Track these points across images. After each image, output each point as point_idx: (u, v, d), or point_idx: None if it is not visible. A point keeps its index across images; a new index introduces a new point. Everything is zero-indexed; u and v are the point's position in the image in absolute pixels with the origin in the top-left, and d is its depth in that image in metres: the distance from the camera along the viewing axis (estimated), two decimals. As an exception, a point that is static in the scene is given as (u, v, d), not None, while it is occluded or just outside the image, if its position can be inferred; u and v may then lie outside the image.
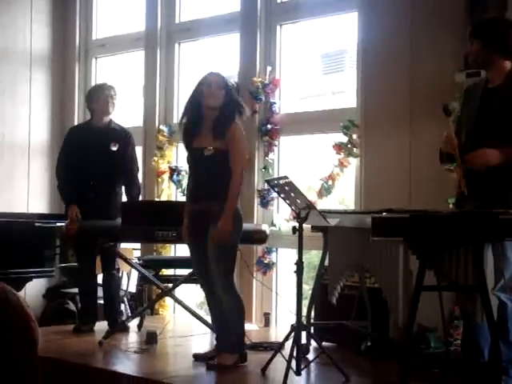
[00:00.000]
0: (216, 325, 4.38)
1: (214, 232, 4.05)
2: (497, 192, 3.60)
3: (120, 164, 5.36)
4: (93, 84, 7.29)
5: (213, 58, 6.86)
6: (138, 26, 7.14)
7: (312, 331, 4.48)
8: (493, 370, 3.38)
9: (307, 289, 5.34)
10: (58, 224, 5.81)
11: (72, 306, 6.50)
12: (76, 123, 7.38)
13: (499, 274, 3.54)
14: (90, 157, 5.28)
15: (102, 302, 5.48)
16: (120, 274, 5.72)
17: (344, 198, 6.14)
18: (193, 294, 6.51)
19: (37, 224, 6.19)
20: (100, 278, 5.47)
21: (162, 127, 6.74)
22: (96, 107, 5.43)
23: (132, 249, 6.33)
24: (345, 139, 5.51)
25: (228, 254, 4.13)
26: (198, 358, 4.33)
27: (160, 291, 5.31)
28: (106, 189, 5.31)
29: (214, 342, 4.42)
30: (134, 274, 6.03)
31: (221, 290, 4.13)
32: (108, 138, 5.35)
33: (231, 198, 4.07)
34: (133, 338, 5.14)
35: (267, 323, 5.68)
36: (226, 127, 4.14)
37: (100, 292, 5.50)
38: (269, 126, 5.98)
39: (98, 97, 5.40)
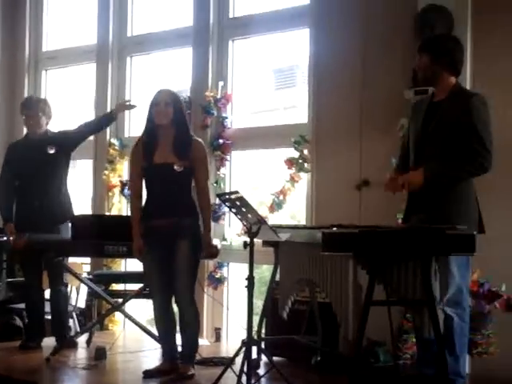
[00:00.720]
0: (166, 336, 4.38)
1: (209, 247, 4.31)
2: (438, 206, 3.70)
3: (61, 165, 5.29)
4: (42, 96, 7.21)
5: (165, 72, 6.85)
6: (90, 39, 7.08)
7: (263, 346, 4.47)
8: (439, 382, 3.43)
9: (258, 304, 5.33)
10: (4, 238, 5.70)
11: (19, 322, 6.35)
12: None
13: (444, 289, 3.60)
14: (30, 166, 5.21)
15: (49, 317, 5.39)
16: (69, 289, 5.63)
17: (295, 212, 6.17)
18: (143, 309, 6.45)
19: (-18, 238, 6.07)
20: (47, 293, 5.39)
21: (113, 140, 6.69)
22: (25, 121, 5.40)
23: (82, 263, 6.25)
24: (296, 154, 5.55)
25: (196, 268, 4.30)
26: (147, 374, 4.30)
27: (110, 306, 5.25)
28: (51, 194, 5.22)
29: (162, 357, 4.45)
30: (84, 289, 5.95)
31: (186, 303, 4.24)
32: (44, 144, 5.28)
33: (208, 212, 4.35)
34: (81, 353, 5.07)
35: (218, 338, 5.66)
36: (187, 145, 4.26)
37: (48, 307, 5.41)
38: (220, 141, 5.99)
39: (24, 114, 5.37)
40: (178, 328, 4.37)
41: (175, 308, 4.38)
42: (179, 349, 4.39)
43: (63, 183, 5.32)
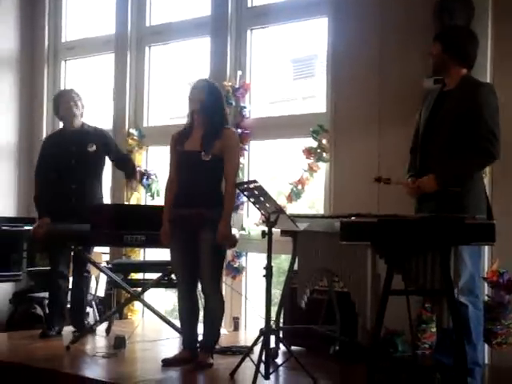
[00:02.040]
0: (188, 325, 4.39)
1: (224, 237, 4.22)
2: (448, 195, 3.68)
3: (99, 164, 5.38)
4: (62, 87, 7.25)
5: (183, 62, 6.85)
6: (108, 29, 7.10)
7: (281, 335, 4.48)
8: (458, 372, 3.42)
9: (276, 293, 5.34)
10: (25, 227, 5.75)
11: (39, 311, 6.42)
12: (45, 126, 7.36)
13: (456, 277, 3.59)
14: (68, 162, 5.27)
15: (68, 306, 5.44)
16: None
17: (314, 202, 6.17)
18: (162, 298, 6.49)
19: (3, 228, 6.13)
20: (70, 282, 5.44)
21: (131, 131, 6.71)
22: (62, 114, 5.43)
23: (101, 253, 6.29)
24: (314, 144, 5.54)
25: (221, 258, 4.35)
26: (166, 362, 4.32)
27: (129, 295, 5.28)
28: (88, 191, 5.29)
29: (182, 345, 4.47)
30: (103, 278, 6.00)
31: (211, 291, 4.26)
32: (83, 140, 5.34)
33: (229, 203, 4.26)
34: (101, 342, 5.11)
35: (236, 327, 5.68)
36: (216, 134, 4.25)
37: (68, 296, 5.46)
38: (239, 131, 5.98)
39: (59, 104, 5.41)
40: (200, 318, 4.40)
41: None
42: (200, 338, 4.40)
43: (99, 180, 5.40)
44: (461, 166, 3.69)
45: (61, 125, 5.73)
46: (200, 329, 4.40)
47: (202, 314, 4.41)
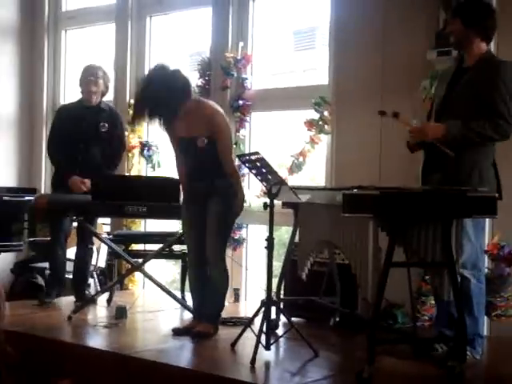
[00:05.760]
0: (197, 294, 4.42)
1: (238, 210, 4.28)
2: (455, 167, 3.69)
3: (108, 144, 5.40)
4: (62, 57, 7.23)
5: (184, 32, 6.80)
6: (109, -1, 7.04)
7: (282, 307, 4.51)
8: (458, 343, 3.45)
9: (276, 265, 5.36)
10: (26, 198, 5.76)
11: (41, 281, 6.45)
12: (45, 96, 7.34)
13: (459, 250, 3.60)
14: (80, 136, 5.31)
15: (71, 276, 5.46)
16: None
17: (315, 174, 6.16)
18: (162, 269, 6.51)
19: (5, 198, 6.13)
20: (71, 252, 5.45)
21: (132, 101, 6.67)
22: (82, 88, 5.45)
23: (102, 224, 6.30)
24: (316, 116, 5.52)
25: (227, 227, 4.36)
26: (176, 332, 4.36)
27: (130, 266, 5.30)
28: (99, 167, 5.33)
29: (188, 316, 4.51)
30: (104, 249, 6.01)
31: (214, 259, 4.27)
32: (97, 118, 5.37)
33: (238, 181, 4.32)
34: (102, 312, 5.13)
35: (237, 299, 5.70)
36: (208, 117, 4.24)
37: (69, 266, 5.48)
38: (240, 102, 5.97)
39: (82, 79, 5.43)
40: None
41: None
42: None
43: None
44: (473, 130, 3.65)
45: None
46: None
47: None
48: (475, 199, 3.39)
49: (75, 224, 5.36)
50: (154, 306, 5.38)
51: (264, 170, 3.82)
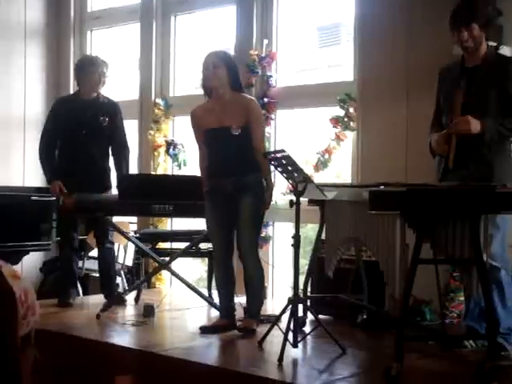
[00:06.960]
0: (223, 292, 4.45)
1: (267, 203, 4.37)
2: (481, 163, 3.68)
3: (109, 137, 5.35)
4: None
5: (209, 30, 6.81)
6: (134, -1, 7.08)
7: (309, 304, 4.50)
8: (489, 342, 3.41)
9: (303, 263, 5.36)
10: (54, 198, 5.80)
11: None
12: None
13: (487, 245, 3.57)
14: (78, 128, 5.24)
15: (98, 275, 5.51)
16: (116, 248, 5.72)
17: (340, 171, 6.15)
18: (189, 267, 6.53)
19: (33, 198, 6.19)
20: (95, 252, 5.49)
21: (158, 100, 6.71)
22: (82, 81, 5.39)
23: (128, 222, 6.34)
24: (341, 113, 5.50)
25: (259, 223, 4.43)
26: (204, 330, 4.38)
27: (157, 265, 5.33)
28: (98, 161, 5.30)
29: (215, 313, 4.54)
30: (131, 248, 6.05)
31: (249, 255, 4.32)
32: (97, 111, 5.30)
33: (268, 171, 4.39)
34: (130, 310, 5.17)
35: (264, 296, 5.69)
36: (242, 107, 4.30)
37: (96, 266, 5.52)
38: (265, 100, 5.96)
39: (84, 72, 5.35)
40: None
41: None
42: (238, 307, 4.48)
43: (107, 153, 5.38)
44: (505, 126, 3.65)
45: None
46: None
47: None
48: (504, 195, 3.35)
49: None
50: (181, 304, 5.40)
51: (290, 168, 3.81)
